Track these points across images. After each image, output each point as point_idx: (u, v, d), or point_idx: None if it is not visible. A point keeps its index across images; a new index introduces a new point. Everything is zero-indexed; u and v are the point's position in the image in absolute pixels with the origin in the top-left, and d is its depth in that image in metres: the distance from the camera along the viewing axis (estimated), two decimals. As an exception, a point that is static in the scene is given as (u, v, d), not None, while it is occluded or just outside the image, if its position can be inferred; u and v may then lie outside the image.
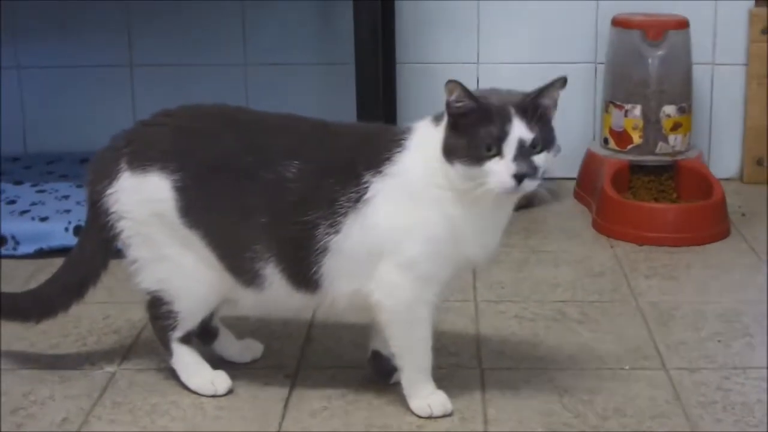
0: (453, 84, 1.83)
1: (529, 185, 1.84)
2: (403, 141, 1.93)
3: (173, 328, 2.05)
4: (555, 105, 1.89)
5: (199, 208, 1.97)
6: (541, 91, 1.87)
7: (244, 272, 1.98)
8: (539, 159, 1.84)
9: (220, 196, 1.96)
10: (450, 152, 1.86)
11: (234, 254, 1.97)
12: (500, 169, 1.82)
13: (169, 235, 1.99)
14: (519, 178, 1.82)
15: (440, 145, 1.87)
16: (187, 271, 2.01)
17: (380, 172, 1.91)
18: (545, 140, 1.85)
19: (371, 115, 2.80)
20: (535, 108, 1.85)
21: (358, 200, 1.90)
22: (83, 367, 2.17)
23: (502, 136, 1.82)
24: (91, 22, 3.38)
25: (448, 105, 1.85)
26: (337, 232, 1.91)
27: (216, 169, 1.96)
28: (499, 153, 1.82)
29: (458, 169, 1.85)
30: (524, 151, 1.83)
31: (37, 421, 1.98)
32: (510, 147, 1.82)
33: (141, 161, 1.99)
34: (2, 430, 1.94)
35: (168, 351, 2.08)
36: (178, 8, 3.35)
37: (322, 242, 1.91)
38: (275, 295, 1.98)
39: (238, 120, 2.03)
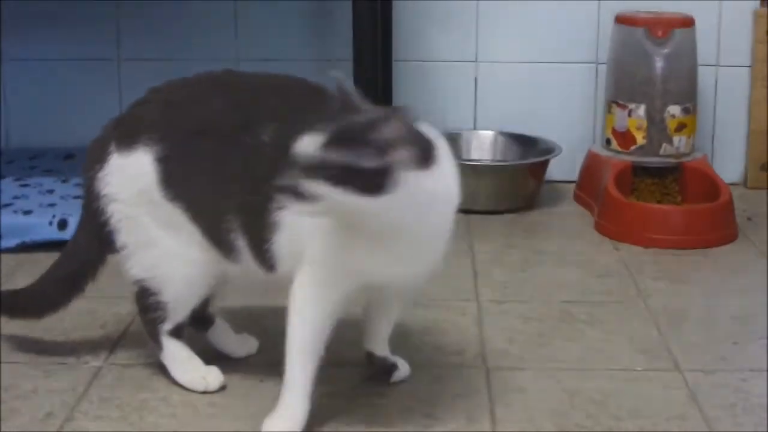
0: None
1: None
2: None
3: (162, 321, 1.95)
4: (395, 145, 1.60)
5: (179, 179, 1.86)
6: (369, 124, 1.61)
7: (221, 244, 1.86)
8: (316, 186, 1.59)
9: (199, 162, 1.85)
10: None
11: (212, 225, 1.85)
12: None
13: (155, 215, 1.89)
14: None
15: None
16: (174, 255, 1.90)
17: None
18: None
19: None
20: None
21: None
22: (68, 362, 2.07)
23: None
24: (78, 14, 3.27)
25: None
26: (284, 206, 1.73)
27: (198, 135, 1.85)
28: None
29: None
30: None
31: (19, 415, 1.87)
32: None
33: (128, 139, 1.90)
34: (-19, 425, 1.84)
35: (158, 345, 1.97)
36: (168, 1, 3.25)
37: (272, 215, 1.77)
38: (250, 269, 1.86)
39: (226, 83, 1.92)
